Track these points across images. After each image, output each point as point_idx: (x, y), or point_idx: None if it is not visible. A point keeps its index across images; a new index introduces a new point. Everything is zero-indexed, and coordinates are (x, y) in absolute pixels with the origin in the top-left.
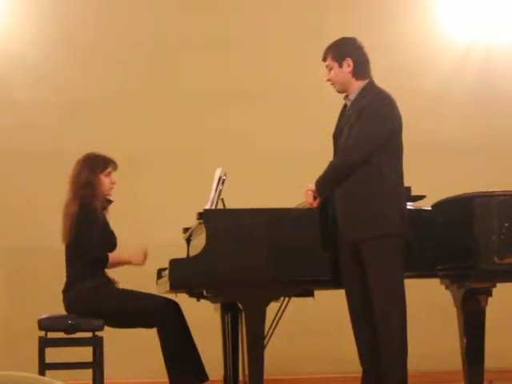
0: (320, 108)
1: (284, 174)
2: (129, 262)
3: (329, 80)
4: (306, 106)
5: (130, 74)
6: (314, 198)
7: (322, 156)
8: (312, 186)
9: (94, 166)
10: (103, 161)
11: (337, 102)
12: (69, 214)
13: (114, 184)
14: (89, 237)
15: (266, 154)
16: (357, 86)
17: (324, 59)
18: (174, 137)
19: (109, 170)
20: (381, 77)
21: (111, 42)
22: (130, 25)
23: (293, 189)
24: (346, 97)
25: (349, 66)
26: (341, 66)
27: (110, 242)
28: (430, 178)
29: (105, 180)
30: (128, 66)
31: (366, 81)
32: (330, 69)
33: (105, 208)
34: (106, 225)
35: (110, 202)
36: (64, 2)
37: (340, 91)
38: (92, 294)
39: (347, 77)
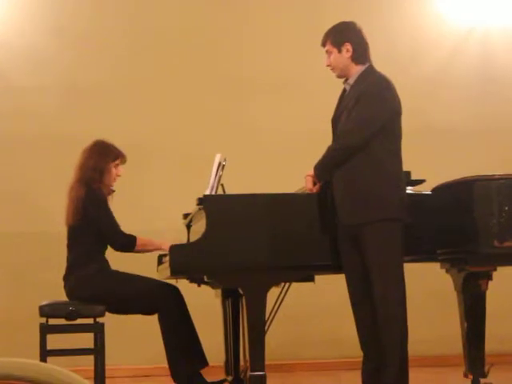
0: (319, 93)
1: (284, 159)
2: (159, 248)
3: (328, 65)
4: (305, 92)
5: (131, 60)
6: (314, 184)
7: (322, 142)
8: (311, 171)
9: (105, 154)
10: (115, 151)
11: (337, 89)
12: (75, 197)
13: (119, 176)
14: (109, 220)
15: (265, 140)
16: (356, 70)
17: (323, 44)
18: (174, 123)
19: (118, 161)
20: (380, 61)
21: (111, 27)
22: (132, 10)
23: (292, 174)
24: (346, 81)
25: (348, 51)
26: (340, 51)
27: None
28: (429, 161)
29: (112, 170)
30: (130, 52)
31: (366, 65)
32: (330, 54)
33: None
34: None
35: (112, 191)
36: None
37: (340, 76)
38: (93, 279)
39: (347, 62)
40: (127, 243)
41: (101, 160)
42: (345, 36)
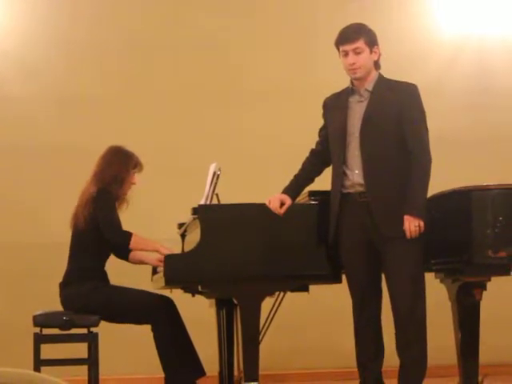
0: (316, 103)
1: (279, 169)
2: (156, 250)
3: (353, 64)
4: (301, 104)
5: (125, 69)
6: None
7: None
8: (413, 220)
9: (126, 162)
10: (135, 159)
11: None
12: (87, 201)
13: (133, 184)
14: (111, 215)
15: (260, 150)
16: (373, 75)
17: (354, 40)
18: (169, 133)
19: (135, 169)
20: None
21: (106, 37)
22: (126, 21)
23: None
24: (360, 85)
25: (376, 53)
26: (371, 52)
27: None
28: None
29: (132, 178)
30: (124, 62)
31: (378, 72)
32: (359, 52)
33: (119, 204)
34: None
35: (127, 202)
36: None
37: (359, 78)
38: (88, 293)
39: (371, 64)
40: (122, 237)
41: (122, 169)
42: (375, 39)
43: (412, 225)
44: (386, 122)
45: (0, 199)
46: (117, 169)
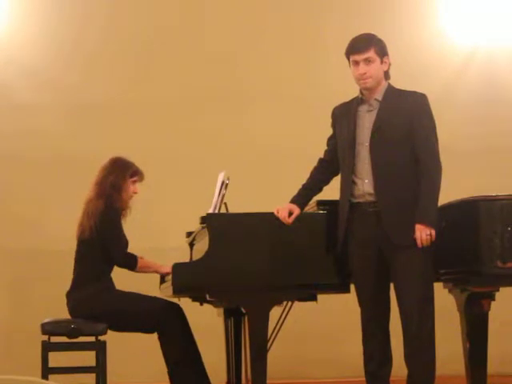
0: (324, 108)
1: (287, 178)
2: (156, 271)
3: (364, 74)
4: (310, 112)
5: (132, 78)
6: (289, 214)
7: None
8: (424, 229)
9: (123, 170)
10: (133, 168)
11: (339, 103)
12: (92, 211)
13: (135, 194)
14: (118, 237)
15: (269, 159)
16: (382, 85)
17: (365, 50)
18: (177, 141)
19: (136, 178)
20: None
21: (114, 46)
22: (133, 29)
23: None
24: (370, 95)
25: (386, 63)
26: (382, 62)
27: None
28: None
29: (130, 186)
30: (130, 70)
31: (388, 81)
32: (370, 62)
33: (122, 214)
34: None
35: (128, 207)
36: (67, 5)
37: (369, 88)
38: (95, 300)
39: (382, 74)
40: (128, 263)
41: (119, 176)
42: (386, 49)
43: (423, 233)
44: (395, 131)
45: (9, 206)
46: (114, 177)
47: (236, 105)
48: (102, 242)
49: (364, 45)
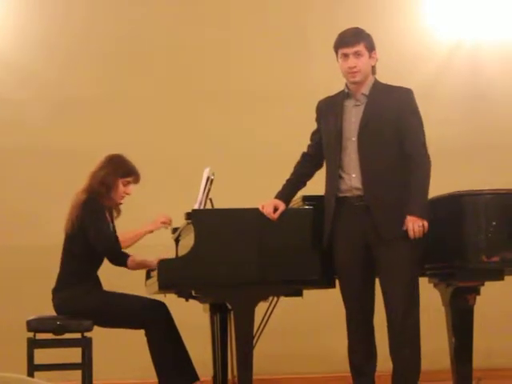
0: (309, 106)
1: (273, 173)
2: (147, 232)
3: (354, 67)
4: (297, 109)
5: (120, 73)
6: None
7: None
8: (416, 220)
9: (115, 169)
10: (128, 168)
11: None
12: (76, 204)
13: (127, 195)
14: (99, 229)
15: (254, 154)
16: (370, 80)
17: (355, 44)
18: (162, 136)
19: (129, 179)
20: None
21: (99, 40)
22: (122, 23)
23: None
24: (357, 89)
25: (373, 58)
26: (370, 56)
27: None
28: None
29: (120, 186)
30: (119, 64)
31: (374, 76)
32: (359, 56)
33: (111, 214)
34: (108, 226)
35: (118, 206)
36: (50, 1)
37: (357, 82)
38: (81, 299)
39: (369, 69)
40: (114, 254)
41: (110, 174)
42: (373, 43)
43: (416, 225)
44: (383, 126)
45: None
46: (105, 173)
47: (222, 101)
48: (84, 234)
49: (354, 38)
